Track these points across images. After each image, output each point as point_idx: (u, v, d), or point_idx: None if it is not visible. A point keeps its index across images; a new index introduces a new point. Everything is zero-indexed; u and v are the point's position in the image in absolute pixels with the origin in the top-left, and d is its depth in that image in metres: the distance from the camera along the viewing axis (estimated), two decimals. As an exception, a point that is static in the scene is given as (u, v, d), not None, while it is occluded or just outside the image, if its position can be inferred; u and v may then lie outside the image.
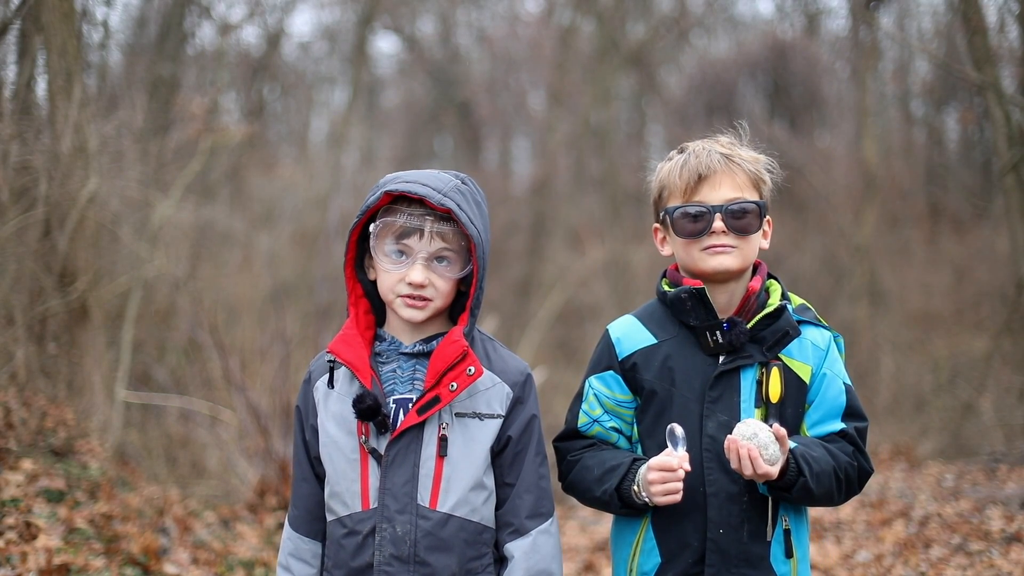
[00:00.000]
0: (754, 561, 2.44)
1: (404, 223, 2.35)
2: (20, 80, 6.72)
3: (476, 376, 2.33)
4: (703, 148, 2.55)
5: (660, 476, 2.36)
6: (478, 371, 2.34)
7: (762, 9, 20.36)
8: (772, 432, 2.33)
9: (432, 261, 2.36)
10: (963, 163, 14.93)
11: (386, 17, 17.16)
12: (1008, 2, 9.06)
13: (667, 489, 2.36)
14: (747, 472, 2.31)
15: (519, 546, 2.37)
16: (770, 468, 2.30)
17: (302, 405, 2.50)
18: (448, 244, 2.37)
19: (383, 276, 2.39)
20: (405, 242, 2.36)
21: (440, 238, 2.36)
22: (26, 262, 6.21)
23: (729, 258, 2.48)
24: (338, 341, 2.42)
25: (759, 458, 2.29)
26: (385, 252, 2.38)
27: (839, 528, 6.98)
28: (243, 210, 11.80)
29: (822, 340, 2.53)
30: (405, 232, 2.36)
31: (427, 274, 2.36)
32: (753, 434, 2.32)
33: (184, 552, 5.39)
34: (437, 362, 2.34)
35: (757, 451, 2.29)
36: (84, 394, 6.55)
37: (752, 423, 2.34)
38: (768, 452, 2.31)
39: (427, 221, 2.35)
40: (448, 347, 2.35)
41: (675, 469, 2.35)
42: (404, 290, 2.37)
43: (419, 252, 2.36)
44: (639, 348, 2.54)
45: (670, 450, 2.38)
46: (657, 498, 2.38)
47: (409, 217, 2.35)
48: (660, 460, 2.38)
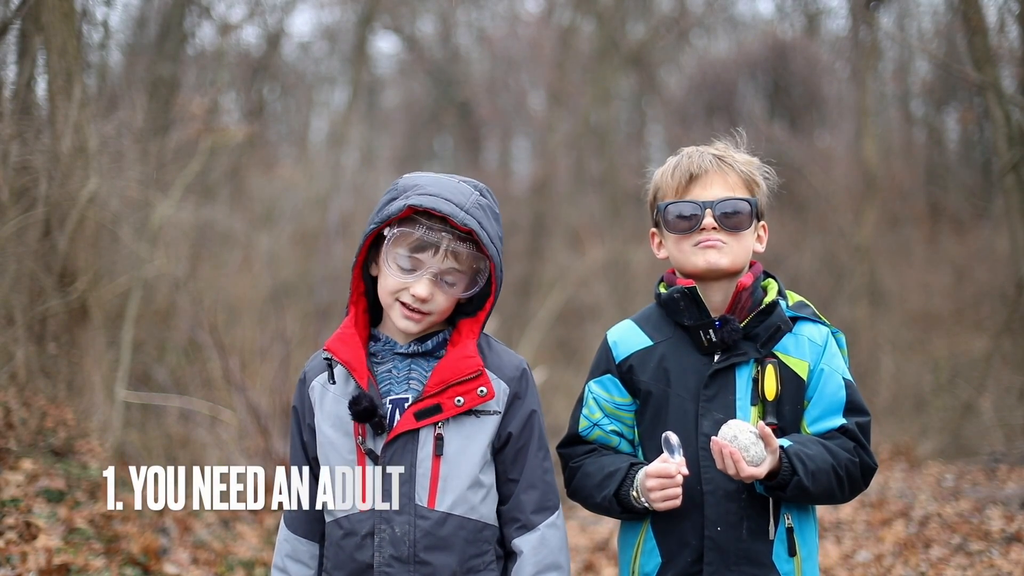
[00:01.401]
0: (755, 559, 2.44)
1: (422, 236, 2.32)
2: (20, 80, 6.72)
3: (488, 398, 2.33)
4: (697, 151, 2.59)
5: (659, 483, 2.39)
6: (490, 393, 2.33)
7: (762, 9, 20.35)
8: (756, 432, 2.33)
9: (440, 279, 2.35)
10: (963, 163, 14.93)
11: (386, 17, 17.16)
12: (1008, 2, 9.07)
13: (666, 495, 2.38)
14: (731, 473, 2.33)
15: (527, 541, 2.38)
16: (754, 469, 2.32)
17: (299, 406, 2.49)
18: (459, 265, 2.35)
19: (386, 280, 2.38)
20: (418, 255, 2.34)
21: (453, 258, 2.34)
22: (26, 262, 6.21)
23: (719, 254, 2.49)
24: (335, 340, 2.41)
25: (741, 460, 2.31)
26: (397, 261, 2.35)
27: (839, 528, 6.98)
28: (243, 210, 11.79)
29: (819, 336, 2.53)
30: (421, 246, 2.33)
31: (432, 289, 2.34)
32: (733, 436, 2.33)
33: (184, 552, 5.39)
34: (445, 372, 2.34)
35: (739, 453, 2.31)
36: (84, 394, 6.55)
37: (734, 425, 2.35)
38: (750, 454, 2.31)
39: (444, 239, 2.32)
40: (461, 361, 2.34)
41: (673, 475, 2.37)
42: (405, 298, 2.35)
43: (429, 267, 2.33)
44: (635, 351, 2.57)
45: (666, 456, 2.39)
46: (657, 504, 2.40)
47: (428, 231, 2.32)
48: (657, 467, 2.39)
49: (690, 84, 16.37)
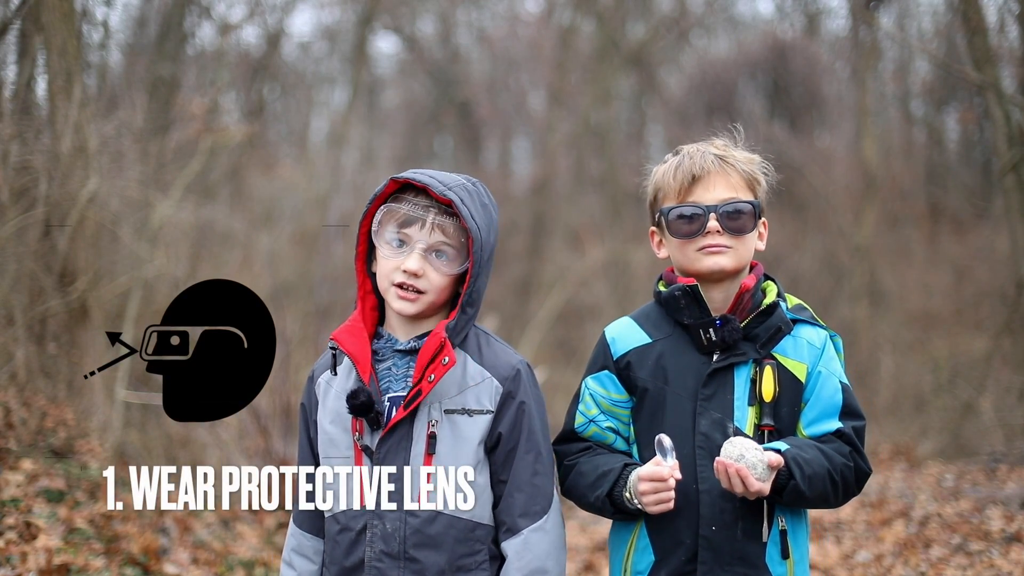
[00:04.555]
0: (749, 560, 2.43)
1: (407, 211, 2.37)
2: (20, 80, 6.72)
3: (450, 365, 2.33)
4: (697, 150, 2.56)
5: (651, 487, 2.38)
6: (452, 360, 2.33)
7: (762, 9, 20.36)
8: (760, 447, 2.34)
9: (430, 253, 2.37)
10: (963, 163, 14.93)
11: (386, 17, 17.16)
12: (1008, 2, 9.07)
13: (659, 499, 2.38)
14: (738, 490, 2.33)
15: (511, 545, 2.38)
16: (762, 485, 2.32)
17: (306, 402, 2.52)
18: (448, 239, 2.37)
19: (381, 263, 2.40)
20: (406, 231, 2.37)
21: (440, 231, 2.36)
22: (26, 262, 6.21)
23: (724, 258, 2.48)
24: (343, 331, 2.43)
25: (750, 476, 2.31)
26: (386, 239, 2.39)
27: (839, 528, 6.98)
28: (243, 210, 11.79)
29: (817, 338, 2.53)
30: (407, 220, 2.37)
31: (423, 264, 2.36)
32: (740, 455, 2.32)
33: (184, 552, 5.39)
34: (422, 356, 2.35)
35: (747, 470, 2.31)
36: (84, 394, 6.55)
37: (739, 443, 2.34)
38: (757, 471, 2.32)
39: (430, 212, 2.36)
40: (431, 340, 2.36)
41: (665, 479, 2.36)
42: (399, 278, 2.37)
43: (418, 242, 2.36)
44: (633, 347, 2.56)
45: (659, 459, 2.38)
46: (650, 508, 2.39)
47: (412, 206, 2.37)
48: (650, 470, 2.38)
49: (690, 84, 16.38)
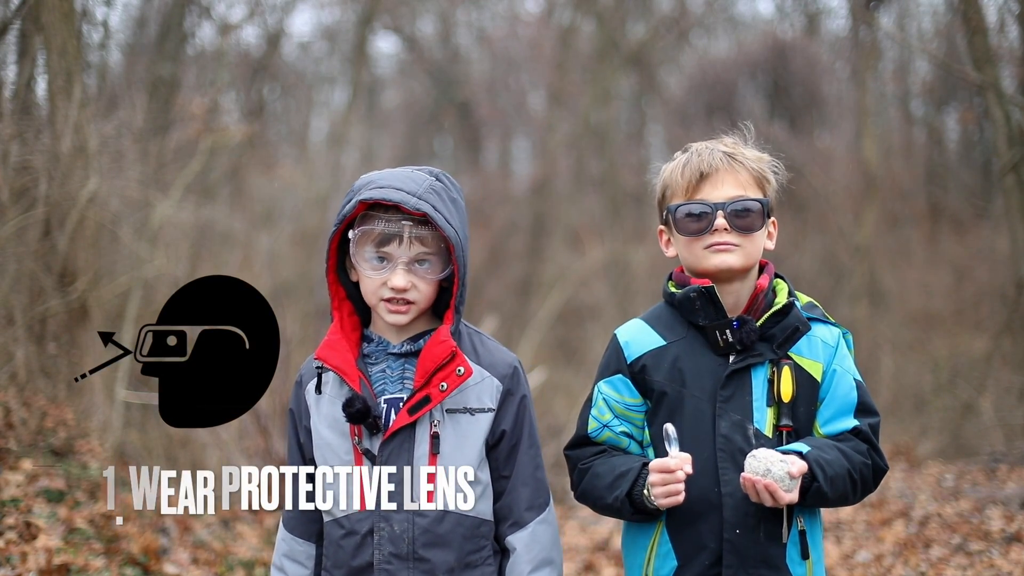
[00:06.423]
0: (771, 562, 2.42)
1: (383, 230, 2.36)
2: (20, 80, 6.72)
3: (466, 376, 2.36)
4: (706, 147, 2.54)
5: (660, 478, 2.35)
6: (468, 371, 2.36)
7: (762, 9, 20.38)
8: (785, 460, 2.32)
9: (413, 264, 2.37)
10: (963, 163, 14.93)
11: (386, 17, 17.16)
12: (1008, 2, 9.07)
13: (667, 491, 2.34)
14: (767, 503, 2.32)
15: (519, 538, 2.40)
16: (790, 495, 2.31)
17: (295, 407, 2.51)
18: (427, 248, 2.37)
19: (366, 281, 2.40)
20: (385, 249, 2.37)
21: (419, 242, 2.36)
22: (26, 262, 6.21)
23: (732, 256, 2.46)
24: (324, 347, 2.42)
25: (778, 490, 2.29)
26: (366, 259, 2.38)
27: (839, 528, 6.98)
28: (243, 210, 11.80)
29: (831, 337, 2.52)
30: (384, 239, 2.36)
31: (409, 278, 2.36)
32: (766, 470, 2.31)
33: (184, 552, 5.39)
34: (426, 362, 2.36)
35: (776, 484, 2.29)
36: (84, 394, 6.55)
37: (763, 457, 2.33)
38: (785, 484, 2.30)
39: (405, 227, 2.35)
40: (436, 347, 2.36)
41: (674, 470, 2.33)
42: (387, 294, 2.37)
43: (399, 257, 2.36)
44: (648, 350, 2.53)
45: (673, 452, 2.36)
46: (659, 501, 2.36)
47: (387, 224, 2.35)
48: (659, 461, 2.37)
49: (690, 84, 16.37)
